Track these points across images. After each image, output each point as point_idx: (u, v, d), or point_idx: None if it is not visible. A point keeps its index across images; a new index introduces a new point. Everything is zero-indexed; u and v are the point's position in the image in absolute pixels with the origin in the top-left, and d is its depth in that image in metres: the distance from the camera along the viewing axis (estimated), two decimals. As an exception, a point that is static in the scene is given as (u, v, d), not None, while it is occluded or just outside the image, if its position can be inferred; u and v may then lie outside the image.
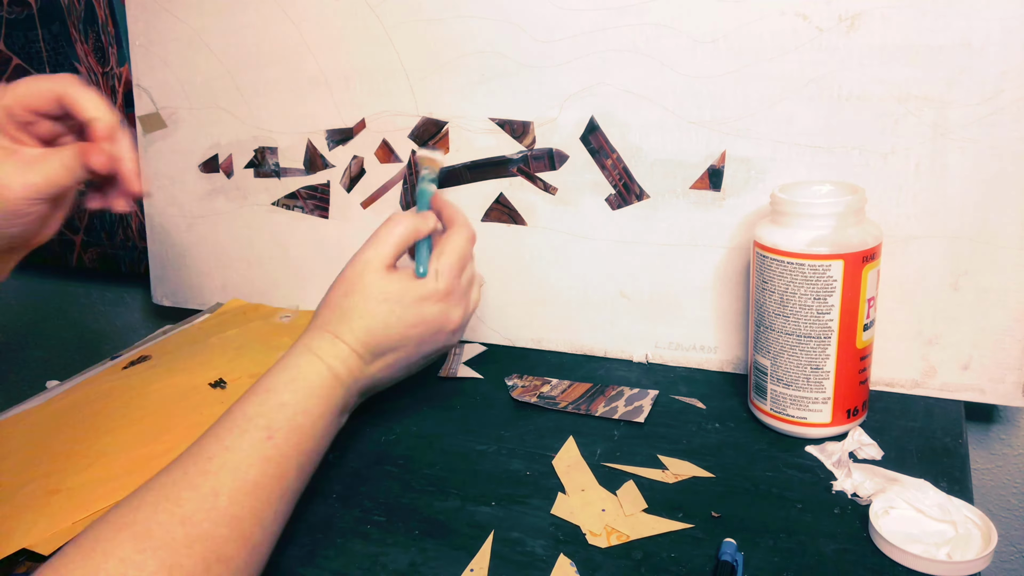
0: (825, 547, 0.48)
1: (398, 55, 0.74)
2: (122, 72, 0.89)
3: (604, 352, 0.74)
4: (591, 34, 0.67)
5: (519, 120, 0.72)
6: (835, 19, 0.60)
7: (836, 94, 0.61)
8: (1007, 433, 0.71)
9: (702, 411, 0.64)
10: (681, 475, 0.56)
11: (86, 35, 0.89)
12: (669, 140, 0.67)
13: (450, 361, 0.74)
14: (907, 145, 0.61)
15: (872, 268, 0.55)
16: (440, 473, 0.57)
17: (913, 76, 0.59)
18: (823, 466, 0.56)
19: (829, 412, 0.57)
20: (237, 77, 0.81)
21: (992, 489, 0.73)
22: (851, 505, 0.52)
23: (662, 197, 0.68)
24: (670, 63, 0.65)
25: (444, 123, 0.74)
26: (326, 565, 0.49)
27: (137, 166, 0.47)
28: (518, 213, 0.74)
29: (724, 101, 0.65)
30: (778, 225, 0.56)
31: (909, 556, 0.46)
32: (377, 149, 0.78)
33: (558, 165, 0.71)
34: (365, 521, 0.53)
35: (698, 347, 0.71)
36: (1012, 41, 0.57)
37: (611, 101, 0.68)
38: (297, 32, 0.77)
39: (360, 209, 0.80)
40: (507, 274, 0.75)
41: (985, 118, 0.58)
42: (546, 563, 0.48)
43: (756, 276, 0.58)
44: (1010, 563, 0.75)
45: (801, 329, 0.56)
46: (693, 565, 0.47)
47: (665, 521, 0.51)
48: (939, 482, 0.52)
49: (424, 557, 0.49)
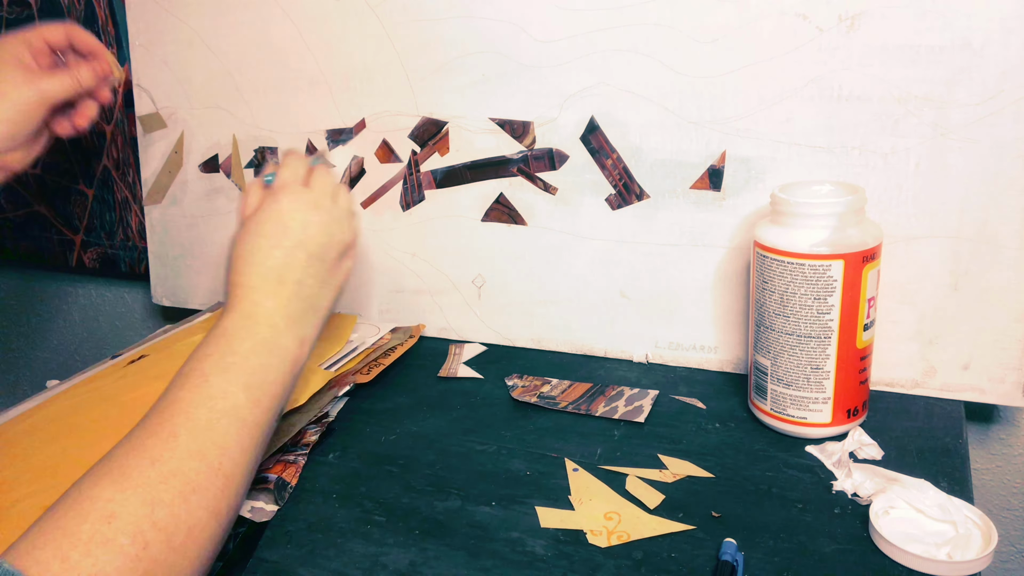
0: (825, 547, 0.48)
1: (398, 55, 0.74)
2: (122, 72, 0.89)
3: (604, 352, 0.74)
4: (591, 34, 0.67)
5: (519, 120, 0.72)
6: (835, 19, 0.60)
7: (836, 94, 0.61)
8: (1007, 433, 0.71)
9: (702, 411, 0.64)
10: (681, 475, 0.56)
11: (86, 35, 0.89)
12: (669, 140, 0.67)
13: (450, 361, 0.74)
14: (907, 145, 0.61)
15: (872, 268, 0.55)
16: (440, 473, 0.57)
17: (913, 76, 0.59)
18: (823, 466, 0.56)
19: (829, 412, 0.57)
20: (237, 77, 0.81)
21: (992, 489, 0.73)
22: (851, 505, 0.52)
23: (662, 197, 0.68)
24: (670, 63, 0.65)
25: (444, 123, 0.74)
26: (326, 565, 0.49)
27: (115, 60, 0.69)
28: (518, 213, 0.74)
29: (724, 101, 0.65)
30: (778, 225, 0.56)
31: (909, 556, 0.46)
32: (377, 149, 0.78)
33: (558, 165, 0.71)
34: (365, 521, 0.53)
35: (698, 347, 0.71)
36: (1012, 41, 0.57)
37: (611, 101, 0.68)
38: (297, 32, 0.77)
39: (360, 209, 0.80)
40: (507, 274, 0.75)
41: (985, 118, 0.58)
42: (546, 563, 0.48)
43: (756, 276, 0.58)
44: (1010, 563, 0.75)
45: (801, 329, 0.56)
46: (693, 565, 0.47)
47: (666, 522, 0.51)
48: (939, 482, 0.52)
49: (424, 557, 0.49)
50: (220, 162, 0.85)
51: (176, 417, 0.47)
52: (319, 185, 0.60)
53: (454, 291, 0.78)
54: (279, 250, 0.56)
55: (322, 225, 0.58)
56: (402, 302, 0.80)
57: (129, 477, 0.42)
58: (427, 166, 0.76)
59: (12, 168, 0.66)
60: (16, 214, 1.01)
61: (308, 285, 0.57)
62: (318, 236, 0.57)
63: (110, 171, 0.94)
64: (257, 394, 0.50)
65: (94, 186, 0.95)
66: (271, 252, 0.56)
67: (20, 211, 1.00)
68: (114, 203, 0.95)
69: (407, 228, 0.78)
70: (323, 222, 0.58)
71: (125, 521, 0.40)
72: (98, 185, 0.95)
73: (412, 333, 0.77)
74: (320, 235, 0.58)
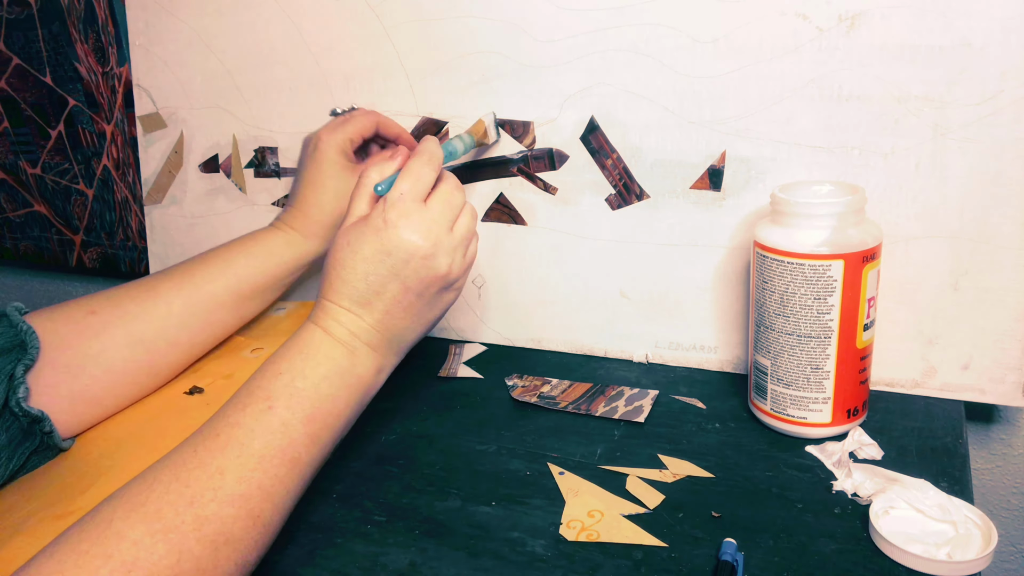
0: (825, 547, 0.48)
1: (398, 55, 0.74)
2: (122, 72, 0.89)
3: (604, 352, 0.74)
4: (591, 34, 0.67)
5: (519, 120, 0.72)
6: (835, 19, 0.60)
7: (836, 94, 0.61)
8: (1007, 433, 0.71)
9: (702, 411, 0.64)
10: (681, 475, 0.56)
11: (86, 35, 0.89)
12: (669, 140, 0.67)
13: (450, 361, 0.74)
14: (907, 145, 0.61)
15: (872, 268, 0.55)
16: (440, 473, 0.57)
17: (913, 76, 0.59)
18: (823, 466, 0.56)
19: (829, 412, 0.57)
20: (237, 77, 0.81)
21: (992, 489, 0.73)
22: (851, 505, 0.52)
23: (662, 197, 0.68)
24: (670, 63, 0.65)
25: (444, 123, 0.74)
26: (326, 565, 0.49)
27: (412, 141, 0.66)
28: (518, 213, 0.74)
29: (724, 101, 0.65)
30: (778, 225, 0.56)
31: (909, 556, 0.46)
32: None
33: (558, 165, 0.71)
34: (365, 521, 0.53)
35: (698, 347, 0.71)
36: (1012, 41, 0.57)
37: (611, 101, 0.68)
38: (297, 32, 0.77)
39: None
40: (507, 274, 0.75)
41: (985, 118, 0.58)
42: (546, 563, 0.48)
43: (756, 276, 0.58)
44: (1010, 563, 0.75)
45: (801, 329, 0.56)
46: (693, 565, 0.47)
47: (641, 532, 0.50)
48: (939, 482, 0.52)
49: (424, 557, 0.49)
50: (220, 162, 0.85)
51: (228, 449, 0.45)
52: (438, 208, 0.54)
53: (454, 291, 0.78)
54: (374, 276, 0.52)
55: (428, 259, 0.53)
56: (402, 302, 0.80)
57: (163, 518, 0.41)
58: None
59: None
60: (16, 214, 1.01)
61: (397, 316, 0.53)
62: (420, 271, 0.53)
63: (110, 171, 0.94)
64: (318, 428, 0.49)
65: (94, 186, 0.95)
66: (366, 276, 0.52)
67: (20, 211, 1.00)
68: (114, 203, 0.95)
69: (407, 228, 0.78)
70: (430, 255, 0.53)
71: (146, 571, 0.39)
72: (98, 185, 0.95)
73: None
74: (422, 269, 0.53)
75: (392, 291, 0.53)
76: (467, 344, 0.78)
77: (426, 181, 0.54)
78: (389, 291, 0.53)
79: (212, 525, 0.41)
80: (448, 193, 0.55)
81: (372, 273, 0.52)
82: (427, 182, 0.55)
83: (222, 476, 0.43)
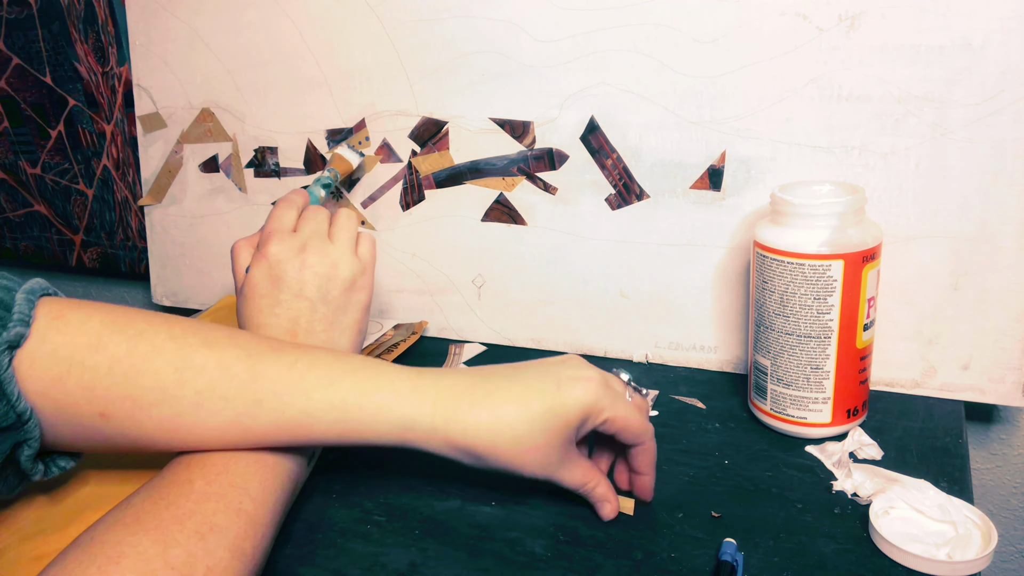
0: (825, 547, 0.48)
1: (398, 55, 0.74)
2: (122, 72, 0.89)
3: (604, 352, 0.74)
4: (591, 34, 0.67)
5: (519, 120, 0.72)
6: (835, 19, 0.60)
7: (836, 94, 0.61)
8: (1007, 433, 0.71)
9: (702, 411, 0.64)
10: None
11: (86, 35, 0.89)
12: (669, 140, 0.67)
13: (450, 361, 0.74)
14: (907, 145, 0.61)
15: (872, 268, 0.55)
16: (440, 473, 0.57)
17: (913, 76, 0.59)
18: (823, 466, 0.56)
19: (829, 412, 0.57)
20: (237, 77, 0.81)
21: (992, 489, 0.73)
22: (851, 505, 0.52)
23: (662, 197, 0.68)
24: (670, 63, 0.65)
25: (444, 123, 0.74)
26: (326, 565, 0.49)
27: (652, 482, 0.52)
28: (518, 213, 0.74)
29: (724, 101, 0.65)
30: (778, 225, 0.56)
31: (909, 556, 0.46)
32: (377, 149, 0.78)
33: (558, 165, 0.71)
34: (365, 521, 0.53)
35: (698, 347, 0.71)
36: (1012, 41, 0.57)
37: (611, 101, 0.68)
38: (297, 32, 0.77)
39: (360, 209, 0.80)
40: (507, 274, 0.75)
41: (985, 118, 0.58)
42: (546, 563, 0.48)
43: (756, 276, 0.58)
44: (1010, 563, 0.75)
45: (801, 329, 0.56)
46: (693, 565, 0.47)
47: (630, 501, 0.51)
48: (939, 482, 0.52)
49: (424, 557, 0.49)
50: (220, 162, 0.85)
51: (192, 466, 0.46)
52: (308, 226, 0.58)
53: (454, 291, 0.78)
54: (280, 307, 0.55)
55: (316, 266, 0.56)
56: (402, 302, 0.80)
57: (141, 521, 0.41)
58: (427, 166, 0.76)
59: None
60: (16, 214, 1.01)
61: (318, 331, 0.55)
62: (313, 279, 0.56)
63: (110, 171, 0.94)
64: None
65: (94, 186, 0.95)
66: (272, 311, 0.55)
67: (20, 211, 1.00)
68: (114, 203, 0.95)
69: (407, 228, 0.78)
70: (316, 262, 0.56)
71: (134, 560, 0.39)
72: (98, 185, 0.95)
73: (415, 330, 0.77)
74: (315, 277, 0.56)
75: (302, 309, 0.55)
76: (467, 344, 0.78)
77: (291, 215, 0.59)
78: (301, 311, 0.55)
79: (193, 518, 0.42)
80: (311, 216, 0.59)
81: (278, 305, 0.55)
82: (292, 216, 0.60)
83: (191, 483, 0.44)
